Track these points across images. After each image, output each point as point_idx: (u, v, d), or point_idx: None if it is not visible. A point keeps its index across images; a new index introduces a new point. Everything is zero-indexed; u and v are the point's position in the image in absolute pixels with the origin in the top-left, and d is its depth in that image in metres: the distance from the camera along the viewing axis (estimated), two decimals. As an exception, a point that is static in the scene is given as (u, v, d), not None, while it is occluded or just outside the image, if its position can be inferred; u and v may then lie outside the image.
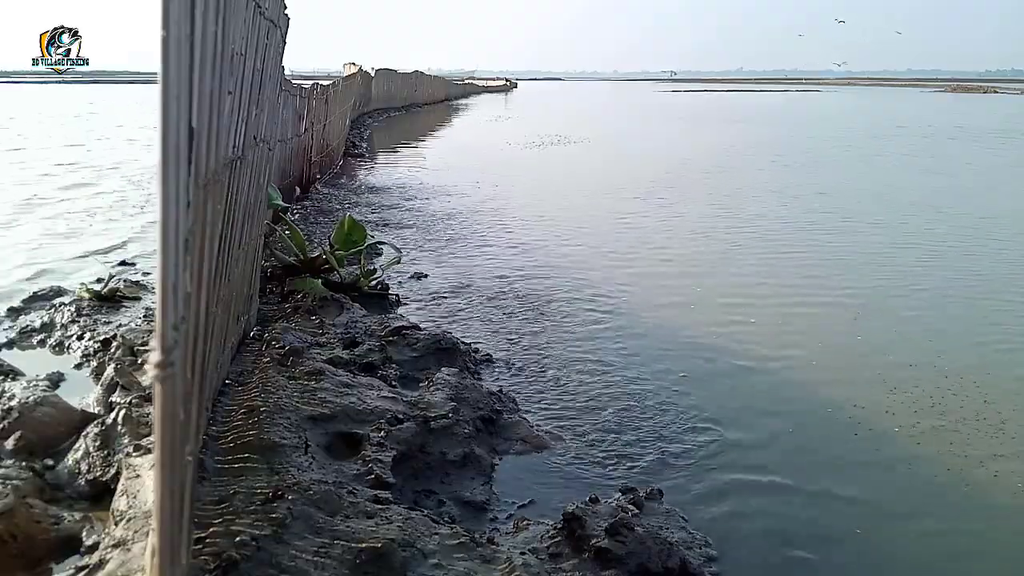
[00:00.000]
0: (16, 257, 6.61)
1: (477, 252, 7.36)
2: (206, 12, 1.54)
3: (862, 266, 7.08)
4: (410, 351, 4.31)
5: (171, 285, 1.11)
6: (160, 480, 1.18)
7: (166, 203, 1.11)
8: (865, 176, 13.93)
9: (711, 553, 2.70)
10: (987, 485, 3.28)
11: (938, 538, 2.94)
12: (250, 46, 2.74)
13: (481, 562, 2.34)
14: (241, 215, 3.01)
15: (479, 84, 78.19)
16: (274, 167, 6.08)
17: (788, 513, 3.02)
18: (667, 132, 26.66)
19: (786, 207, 10.40)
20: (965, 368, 4.52)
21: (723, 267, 7.04)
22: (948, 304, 5.92)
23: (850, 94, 79.89)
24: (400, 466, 3.01)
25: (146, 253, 6.79)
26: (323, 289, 5.19)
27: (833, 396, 4.15)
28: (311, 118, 10.22)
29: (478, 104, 49.19)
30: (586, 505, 2.74)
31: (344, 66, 23.55)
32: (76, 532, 2.52)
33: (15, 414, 3.15)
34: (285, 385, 3.41)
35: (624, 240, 8.16)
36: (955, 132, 25.27)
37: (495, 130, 25.95)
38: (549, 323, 5.22)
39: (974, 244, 8.07)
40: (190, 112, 1.34)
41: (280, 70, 4.64)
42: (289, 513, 2.32)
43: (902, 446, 3.60)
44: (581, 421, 3.73)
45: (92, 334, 4.50)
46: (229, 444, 2.81)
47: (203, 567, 2.01)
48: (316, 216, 8.65)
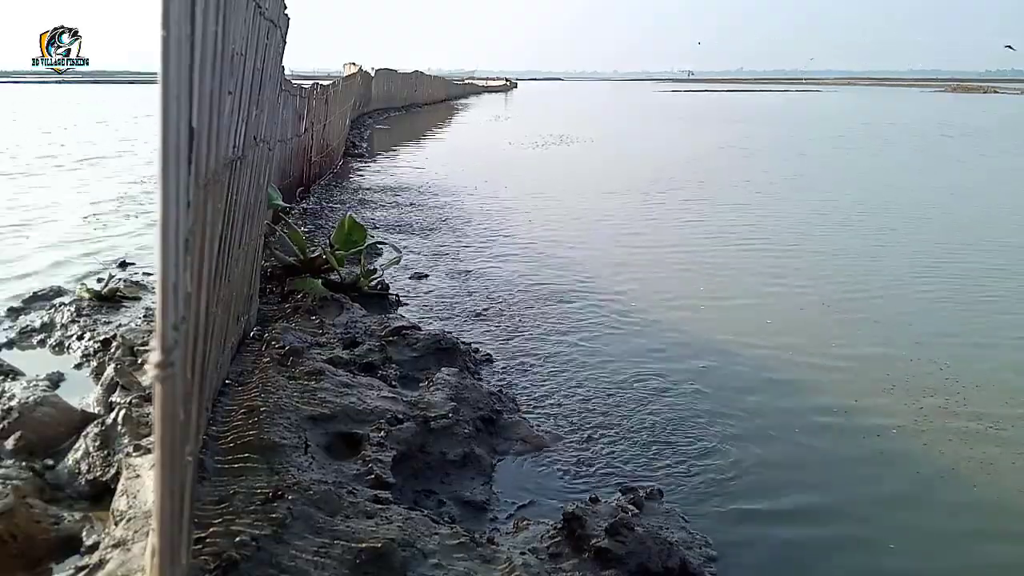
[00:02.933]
0: (16, 257, 6.61)
1: (477, 252, 7.36)
2: (206, 12, 1.54)
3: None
4: (410, 351, 4.31)
5: (171, 285, 1.11)
6: (160, 480, 1.18)
7: (166, 203, 1.11)
8: (891, 176, 13.96)
9: (711, 553, 2.70)
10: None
11: (941, 537, 2.95)
12: (250, 46, 2.74)
13: (481, 562, 2.34)
14: (241, 215, 3.01)
15: (479, 84, 78.19)
16: (274, 167, 6.08)
17: (789, 513, 3.02)
18: (667, 132, 26.66)
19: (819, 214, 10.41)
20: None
21: (729, 268, 7.04)
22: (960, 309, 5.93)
23: (850, 94, 79.88)
24: (400, 466, 3.01)
25: (146, 253, 6.79)
26: (323, 289, 5.19)
27: (835, 395, 4.15)
28: (311, 118, 10.22)
29: (478, 104, 49.19)
30: (586, 505, 2.74)
31: (344, 66, 23.55)
32: (76, 532, 2.52)
33: (15, 414, 3.15)
34: (285, 385, 3.41)
35: (626, 241, 8.16)
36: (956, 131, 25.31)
37: (495, 130, 25.95)
38: (550, 323, 5.22)
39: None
40: (190, 112, 1.34)
41: (280, 70, 4.64)
42: (289, 513, 2.32)
43: (908, 446, 3.60)
44: (581, 421, 3.73)
45: (92, 334, 4.50)
46: (229, 444, 2.81)
47: (203, 567, 2.01)
48: (316, 216, 8.65)
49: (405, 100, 36.60)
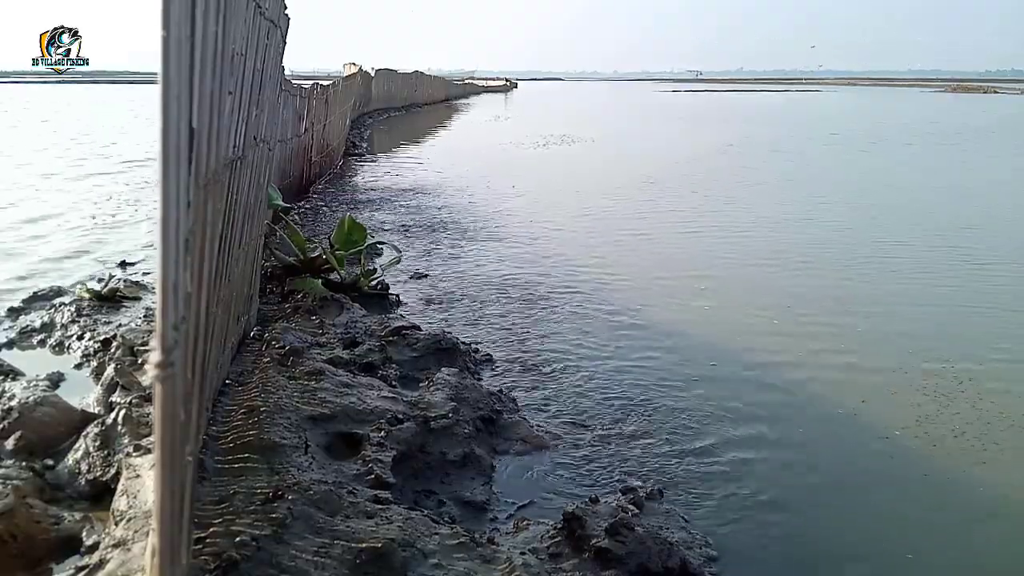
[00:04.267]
0: (16, 257, 6.61)
1: (478, 252, 7.36)
2: (206, 12, 1.55)
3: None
4: (410, 351, 4.31)
5: (171, 285, 1.11)
6: (160, 480, 1.18)
7: (166, 203, 1.11)
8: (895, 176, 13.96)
9: (711, 553, 2.70)
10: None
11: (943, 537, 2.94)
12: (250, 46, 2.74)
13: (481, 562, 2.34)
14: (241, 215, 3.01)
15: (479, 84, 78.16)
16: (274, 167, 6.08)
17: (789, 513, 3.02)
18: (668, 132, 26.66)
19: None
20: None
21: (733, 268, 7.04)
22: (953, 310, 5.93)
23: (851, 94, 79.86)
24: (400, 466, 3.01)
25: (146, 252, 6.80)
26: (323, 289, 5.19)
27: (837, 395, 4.15)
28: (311, 118, 10.22)
29: (478, 104, 49.18)
30: (586, 505, 2.74)
31: (344, 66, 23.53)
32: (76, 532, 2.52)
33: (15, 414, 3.15)
34: (285, 385, 3.41)
35: (627, 241, 8.16)
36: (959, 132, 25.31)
37: (496, 130, 25.95)
38: (551, 323, 5.22)
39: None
40: (190, 112, 1.34)
41: (280, 70, 4.64)
42: (289, 513, 2.32)
43: (915, 446, 3.60)
44: (581, 421, 3.73)
45: (92, 334, 4.50)
46: (229, 444, 2.81)
47: (203, 567, 2.01)
48: (316, 216, 8.65)
49: (405, 100, 36.60)
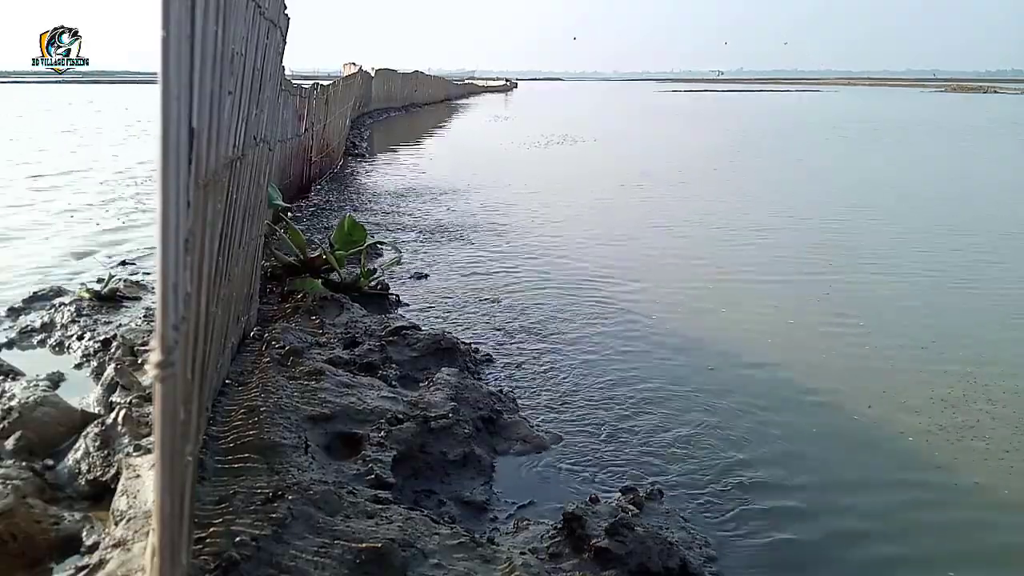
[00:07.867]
0: (17, 257, 6.61)
1: (478, 252, 7.35)
2: (206, 12, 1.55)
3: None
4: (410, 351, 4.31)
5: (171, 285, 1.11)
6: (160, 480, 1.18)
7: (166, 203, 1.11)
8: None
9: (711, 553, 2.70)
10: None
11: (947, 536, 2.95)
12: (250, 46, 2.74)
13: (481, 562, 2.34)
14: (241, 215, 3.01)
15: (479, 84, 78.19)
16: (274, 167, 6.08)
17: (790, 513, 3.02)
18: (668, 132, 26.66)
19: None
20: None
21: (737, 272, 7.03)
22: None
23: (850, 94, 79.84)
24: (400, 466, 3.01)
25: (146, 252, 6.80)
26: (323, 289, 5.19)
27: (841, 396, 4.15)
28: (311, 118, 10.22)
29: (478, 104, 49.18)
30: (586, 505, 2.74)
31: (344, 66, 23.53)
32: (76, 532, 2.52)
33: (15, 414, 3.15)
34: (285, 385, 3.41)
35: (630, 242, 8.16)
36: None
37: (496, 130, 25.95)
38: (551, 323, 5.22)
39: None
40: (190, 112, 1.34)
41: (280, 70, 4.64)
42: (289, 513, 2.32)
43: (917, 446, 3.60)
44: (581, 421, 3.73)
45: (92, 334, 4.50)
46: (229, 444, 2.81)
47: (203, 567, 2.01)
48: (316, 216, 8.65)
49: (405, 100, 36.59)
